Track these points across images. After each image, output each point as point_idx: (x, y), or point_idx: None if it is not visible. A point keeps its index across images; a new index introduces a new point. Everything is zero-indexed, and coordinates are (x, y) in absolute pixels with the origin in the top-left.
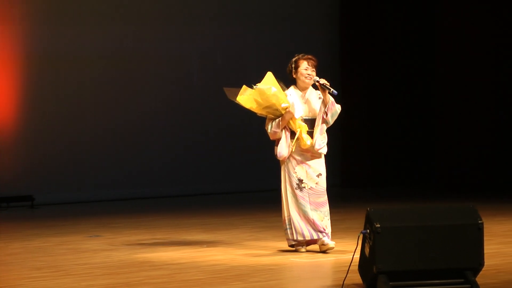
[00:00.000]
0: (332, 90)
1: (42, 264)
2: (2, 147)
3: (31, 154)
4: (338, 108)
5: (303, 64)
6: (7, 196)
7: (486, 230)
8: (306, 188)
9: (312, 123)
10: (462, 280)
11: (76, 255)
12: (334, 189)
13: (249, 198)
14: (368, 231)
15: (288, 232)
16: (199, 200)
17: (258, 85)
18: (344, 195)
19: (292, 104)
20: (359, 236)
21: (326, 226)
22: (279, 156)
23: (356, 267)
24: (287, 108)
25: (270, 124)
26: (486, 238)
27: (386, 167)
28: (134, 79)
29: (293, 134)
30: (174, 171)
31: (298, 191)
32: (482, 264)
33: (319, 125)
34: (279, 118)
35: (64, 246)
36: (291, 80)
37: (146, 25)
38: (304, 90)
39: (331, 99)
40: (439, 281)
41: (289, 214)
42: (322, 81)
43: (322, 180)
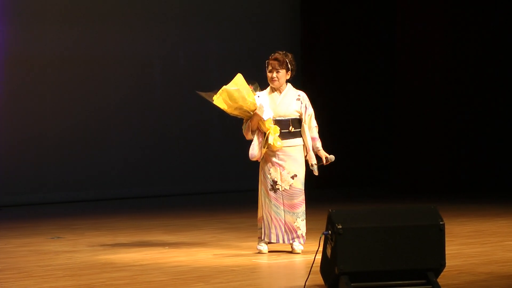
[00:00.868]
0: (319, 165)
1: (3, 266)
2: None
3: None
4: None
5: (269, 66)
6: None
7: (447, 231)
8: (280, 189)
9: (286, 123)
10: (424, 281)
11: (38, 257)
12: None
13: (211, 199)
14: (329, 232)
15: (260, 231)
16: (161, 201)
17: (226, 86)
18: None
19: (260, 106)
20: (320, 237)
21: (298, 227)
22: (250, 157)
23: (318, 268)
24: (255, 109)
25: (244, 125)
26: (447, 239)
27: (347, 169)
28: (95, 80)
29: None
30: (135, 173)
31: (272, 193)
32: (443, 264)
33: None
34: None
35: (26, 248)
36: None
37: (107, 25)
38: (280, 91)
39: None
40: (401, 281)
41: (261, 215)
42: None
43: (297, 181)
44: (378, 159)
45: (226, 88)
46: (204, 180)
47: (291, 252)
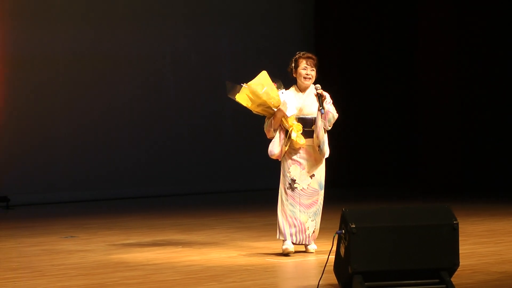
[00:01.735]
0: (321, 108)
1: (17, 265)
2: None
3: (6, 155)
4: (333, 115)
5: (302, 63)
6: None
7: (461, 230)
8: (298, 188)
9: (310, 122)
10: (438, 280)
11: (51, 256)
12: None
13: (224, 199)
14: (343, 231)
15: (277, 228)
16: (174, 201)
17: (250, 82)
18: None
19: (284, 102)
20: (334, 237)
21: (308, 227)
22: (270, 155)
23: (332, 268)
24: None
25: (266, 122)
26: (461, 238)
27: (361, 168)
28: (107, 79)
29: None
30: (148, 172)
31: (289, 191)
32: (457, 264)
33: (323, 134)
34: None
35: (39, 247)
36: (292, 79)
37: (119, 25)
38: (304, 90)
39: (326, 108)
40: (414, 281)
41: (278, 213)
42: (320, 90)
43: (314, 182)
44: (394, 160)
45: (250, 84)
46: (216, 179)
47: (305, 252)
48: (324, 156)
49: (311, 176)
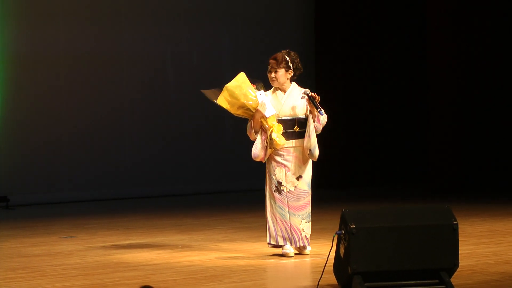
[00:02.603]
0: (319, 109)
1: (17, 265)
2: None
3: (6, 155)
4: (325, 117)
5: (268, 66)
6: None
7: (460, 230)
8: (285, 191)
9: (291, 123)
10: (437, 281)
11: (51, 256)
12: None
13: (224, 199)
14: (343, 232)
15: (267, 232)
16: (174, 201)
17: (227, 85)
18: (319, 195)
19: (262, 103)
20: (334, 237)
21: (303, 229)
22: (254, 158)
23: (331, 268)
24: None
25: (247, 125)
26: (460, 238)
27: (361, 168)
28: (109, 79)
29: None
30: (148, 172)
31: (276, 194)
32: (457, 264)
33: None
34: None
35: (39, 247)
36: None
37: (120, 25)
38: (284, 91)
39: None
40: (414, 281)
41: (267, 216)
42: (309, 93)
43: (302, 183)
44: (393, 160)
45: (227, 86)
46: (217, 179)
47: (299, 254)
48: (314, 159)
49: (298, 178)
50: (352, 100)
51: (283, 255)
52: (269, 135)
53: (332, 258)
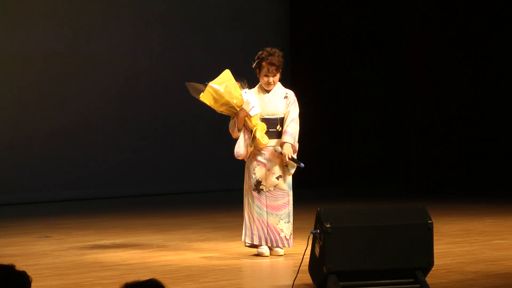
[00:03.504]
0: (301, 163)
1: None
2: None
3: None
4: (296, 131)
5: (264, 69)
6: None
7: (435, 230)
8: (264, 190)
9: (274, 123)
10: (412, 280)
11: (25, 256)
12: None
13: (199, 199)
14: (318, 231)
15: (243, 232)
16: (149, 201)
17: (212, 82)
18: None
19: (247, 101)
20: (309, 236)
21: (281, 229)
22: (236, 156)
23: (307, 267)
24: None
25: (230, 122)
26: (435, 238)
27: (338, 168)
28: (84, 80)
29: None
30: (124, 172)
31: (255, 193)
32: (431, 263)
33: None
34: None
35: (13, 247)
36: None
37: (94, 25)
38: (268, 90)
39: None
40: (389, 280)
41: (244, 215)
42: (283, 153)
43: (282, 183)
44: (369, 159)
45: (212, 83)
46: (192, 179)
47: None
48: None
49: (278, 177)
50: (328, 100)
51: (258, 255)
52: (252, 134)
53: (307, 257)
